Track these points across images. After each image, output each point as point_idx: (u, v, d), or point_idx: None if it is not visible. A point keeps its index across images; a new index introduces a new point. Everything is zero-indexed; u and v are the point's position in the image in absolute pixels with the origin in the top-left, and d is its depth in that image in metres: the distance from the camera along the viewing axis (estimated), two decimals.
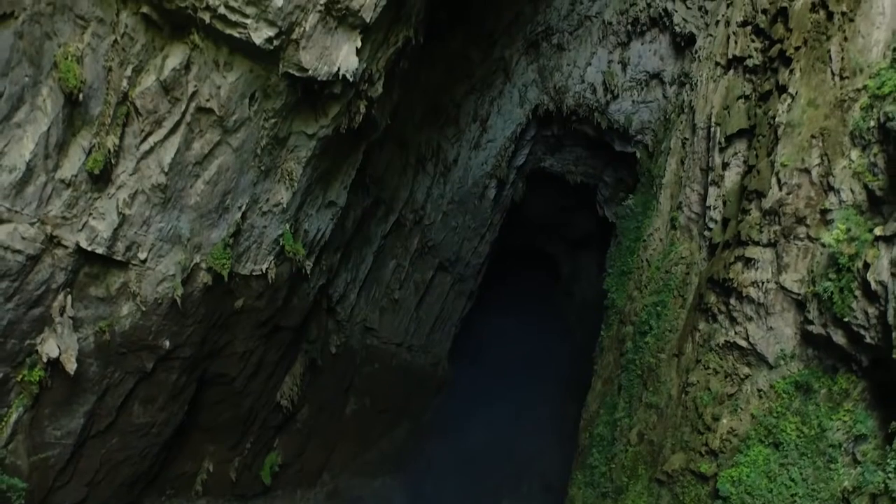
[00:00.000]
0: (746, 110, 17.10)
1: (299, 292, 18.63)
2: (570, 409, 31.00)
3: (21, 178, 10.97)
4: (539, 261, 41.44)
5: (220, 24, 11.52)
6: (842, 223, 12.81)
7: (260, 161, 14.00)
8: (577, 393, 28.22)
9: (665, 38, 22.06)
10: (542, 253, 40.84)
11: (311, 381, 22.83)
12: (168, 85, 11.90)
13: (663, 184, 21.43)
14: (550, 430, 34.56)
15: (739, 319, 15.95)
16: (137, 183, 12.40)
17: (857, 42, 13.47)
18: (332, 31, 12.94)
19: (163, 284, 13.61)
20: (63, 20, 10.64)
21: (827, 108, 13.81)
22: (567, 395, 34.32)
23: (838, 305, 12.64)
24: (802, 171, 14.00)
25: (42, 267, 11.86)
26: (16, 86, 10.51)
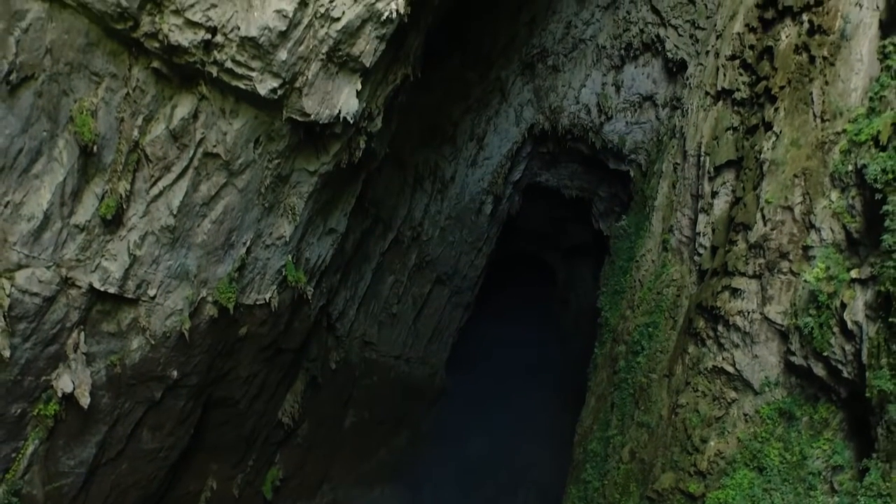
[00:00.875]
0: (734, 142, 17.77)
1: (300, 315, 19.29)
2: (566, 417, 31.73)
3: (39, 226, 11.62)
4: (535, 268, 42.13)
5: (226, 76, 12.15)
6: (822, 262, 13.48)
7: (264, 199, 14.65)
8: (574, 400, 28.94)
9: (658, 63, 22.70)
10: (538, 260, 41.53)
11: (311, 396, 23.53)
12: (177, 133, 12.53)
13: (655, 206, 22.11)
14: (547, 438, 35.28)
15: (726, 346, 16.66)
16: (147, 225, 13.04)
17: (837, 86, 14.13)
18: (334, 76, 13.58)
19: (171, 318, 14.27)
20: (79, 77, 11.26)
21: (809, 148, 14.48)
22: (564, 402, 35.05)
23: (818, 340, 13.34)
24: (786, 209, 14.68)
25: (57, 307, 12.51)
26: (34, 140, 11.14)
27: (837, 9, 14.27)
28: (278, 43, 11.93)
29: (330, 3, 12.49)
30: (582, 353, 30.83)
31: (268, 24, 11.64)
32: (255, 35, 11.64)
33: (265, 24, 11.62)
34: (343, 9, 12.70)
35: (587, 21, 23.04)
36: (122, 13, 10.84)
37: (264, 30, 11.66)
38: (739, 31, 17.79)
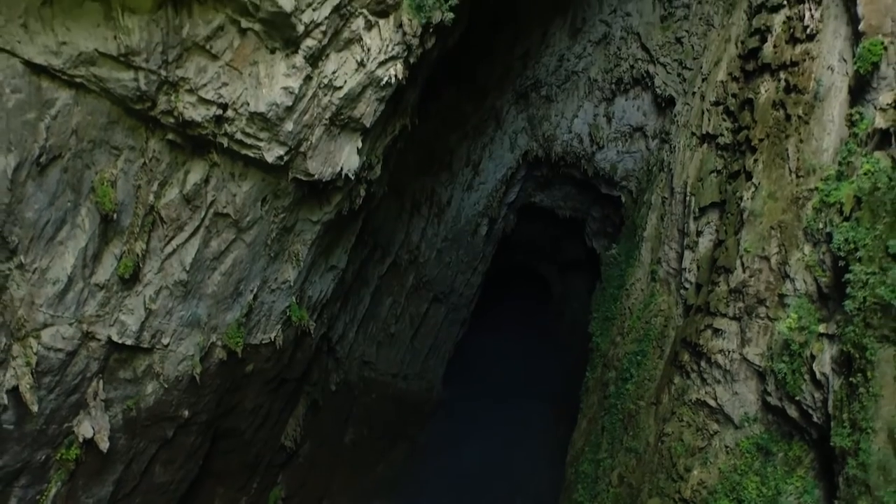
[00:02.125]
0: (718, 184, 18.79)
1: (303, 346, 20.31)
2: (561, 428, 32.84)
3: (63, 288, 12.62)
4: (531, 282, 43.16)
5: (236, 146, 13.13)
6: (795, 312, 14.53)
7: (270, 249, 15.65)
8: (568, 410, 30.01)
9: (647, 96, 23.68)
10: (534, 274, 42.55)
11: (311, 418, 24.59)
12: (189, 196, 13.52)
13: (645, 237, 23.15)
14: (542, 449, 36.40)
15: (709, 381, 17.75)
16: (162, 280, 14.04)
17: (811, 144, 15.14)
18: (336, 137, 14.57)
19: (183, 363, 15.29)
20: (100, 152, 12.24)
21: (784, 202, 15.51)
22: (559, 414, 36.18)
23: (791, 385, 14.41)
24: (763, 259, 15.73)
25: (78, 359, 13.52)
26: (60, 211, 12.13)
27: (811, 70, 15.27)
28: (285, 116, 12.91)
29: (333, 74, 13.47)
30: (576, 364, 31.82)
31: (275, 100, 12.61)
32: (264, 111, 12.61)
33: (273, 100, 12.60)
34: (345, 78, 13.68)
35: (579, 55, 23.99)
36: (142, 95, 11.80)
37: (272, 105, 12.64)
38: (723, 80, 18.79)
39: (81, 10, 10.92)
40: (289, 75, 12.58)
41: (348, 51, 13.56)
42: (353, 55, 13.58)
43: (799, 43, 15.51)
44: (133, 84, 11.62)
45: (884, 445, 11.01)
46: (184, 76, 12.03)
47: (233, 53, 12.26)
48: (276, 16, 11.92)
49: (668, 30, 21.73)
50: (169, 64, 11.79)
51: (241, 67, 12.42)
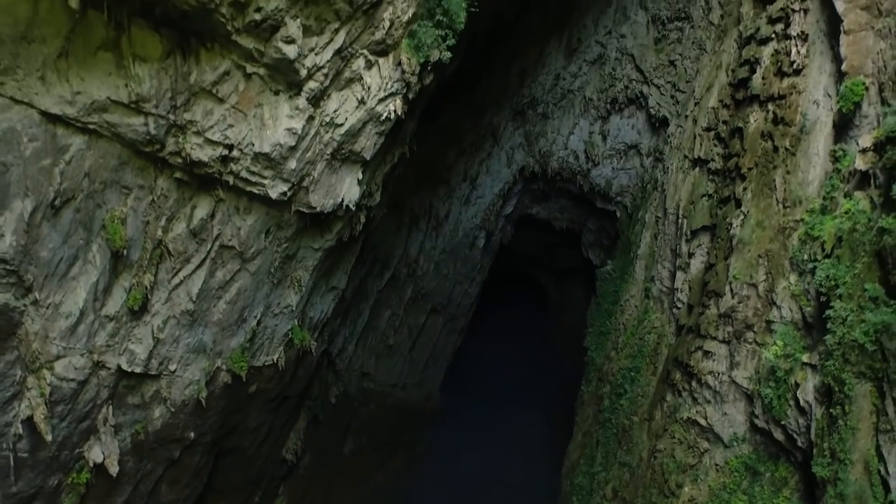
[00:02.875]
0: (709, 208, 19.39)
1: (304, 364, 20.92)
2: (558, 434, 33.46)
3: (75, 321, 13.19)
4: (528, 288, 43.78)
5: (241, 183, 13.71)
6: (781, 339, 15.15)
7: (273, 277, 16.24)
8: (566, 417, 30.63)
9: (642, 115, 24.27)
10: (531, 280, 43.18)
11: (312, 431, 25.21)
12: (196, 230, 14.10)
13: (639, 254, 23.76)
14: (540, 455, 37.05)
15: (700, 400, 18.39)
16: (169, 310, 14.63)
17: (797, 175, 15.75)
18: (337, 170, 15.16)
19: (189, 388, 15.89)
20: (111, 191, 12.81)
21: (772, 231, 16.13)
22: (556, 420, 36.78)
23: (776, 410, 15.05)
24: (751, 286, 16.35)
25: (89, 387, 14.11)
26: (72, 249, 12.69)
27: (798, 104, 15.87)
28: (288, 155, 13.49)
29: (334, 112, 14.05)
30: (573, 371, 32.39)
31: (279, 141, 13.19)
32: (268, 151, 13.19)
33: (277, 141, 13.17)
34: (346, 115, 14.26)
35: (575, 74, 24.55)
36: (151, 139, 12.38)
37: (276, 146, 13.22)
38: (714, 106, 19.38)
39: (95, 60, 11.47)
40: (292, 117, 13.15)
41: (349, 89, 14.14)
42: (353, 93, 14.16)
43: (786, 76, 16.09)
44: (143, 129, 12.19)
45: (860, 477, 11.65)
46: (191, 119, 12.60)
47: (238, 96, 12.83)
48: (280, 62, 12.49)
49: (661, 52, 22.30)
50: (177, 108, 12.36)
51: (246, 109, 12.99)
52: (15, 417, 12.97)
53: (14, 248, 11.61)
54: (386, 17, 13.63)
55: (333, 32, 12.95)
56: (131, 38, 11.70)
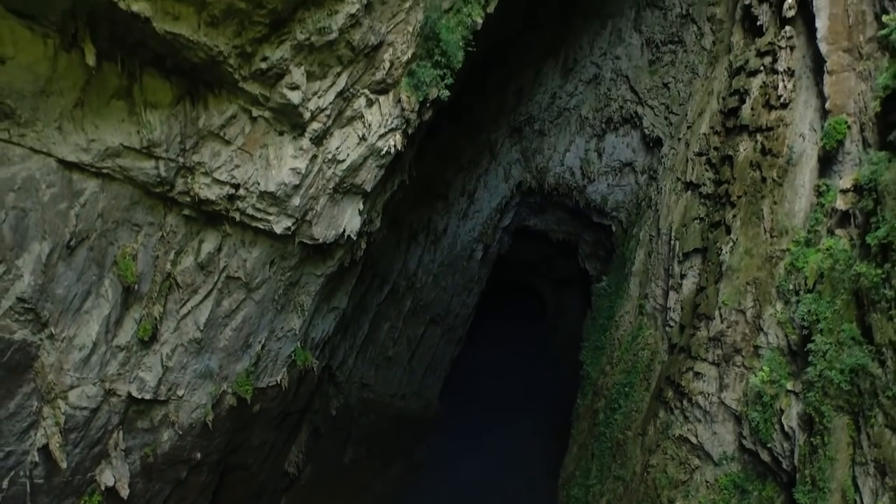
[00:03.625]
0: (700, 231, 20.06)
1: (306, 381, 21.59)
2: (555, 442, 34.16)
3: (89, 353, 13.84)
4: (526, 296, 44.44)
5: (247, 219, 14.35)
6: (767, 365, 15.82)
7: (276, 303, 16.89)
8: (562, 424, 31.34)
9: (636, 134, 24.91)
10: (529, 288, 43.85)
11: (313, 444, 25.90)
12: (203, 263, 14.75)
13: (633, 271, 24.43)
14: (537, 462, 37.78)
15: (691, 419, 19.09)
16: (178, 339, 15.28)
17: (784, 206, 16.41)
18: (339, 202, 15.81)
19: (196, 412, 16.55)
20: (123, 229, 13.44)
21: (759, 259, 16.80)
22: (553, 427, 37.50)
23: (763, 433, 15.74)
24: (739, 311, 17.03)
25: (101, 414, 14.77)
26: (86, 285, 13.34)
27: (785, 136, 16.53)
28: (292, 193, 14.13)
29: (336, 150, 14.69)
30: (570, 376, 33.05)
31: (284, 180, 13.83)
32: (274, 190, 13.83)
33: (282, 180, 13.82)
34: (348, 151, 14.91)
35: (571, 93, 25.18)
36: (162, 181, 13.01)
37: (281, 185, 13.86)
38: (706, 132, 20.02)
39: (108, 109, 12.09)
40: (296, 157, 13.80)
41: (351, 126, 14.79)
42: (355, 130, 14.81)
43: (774, 109, 16.74)
44: (154, 171, 12.82)
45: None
46: (199, 161, 13.23)
47: (244, 138, 13.47)
48: (284, 106, 13.13)
49: (655, 74, 22.92)
50: (186, 151, 12.99)
51: (252, 150, 13.62)
52: (31, 446, 13.63)
53: (32, 287, 12.25)
54: (386, 58, 14.27)
55: (336, 76, 13.58)
56: (143, 86, 12.32)
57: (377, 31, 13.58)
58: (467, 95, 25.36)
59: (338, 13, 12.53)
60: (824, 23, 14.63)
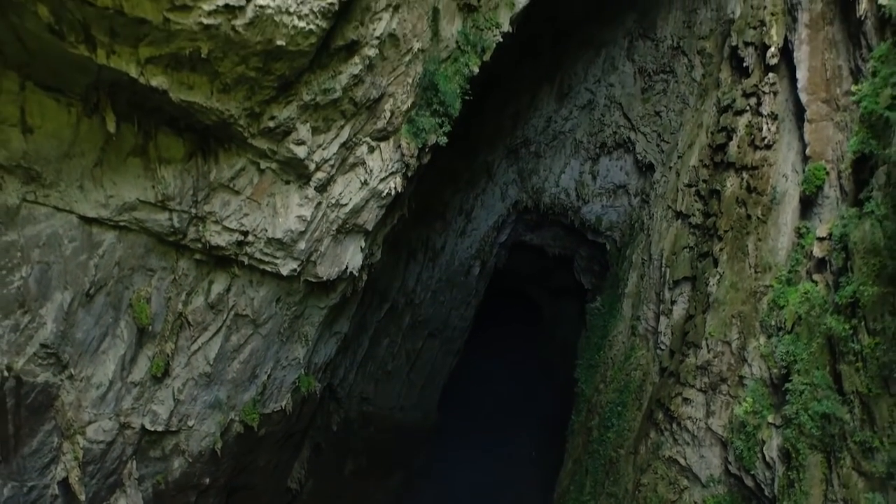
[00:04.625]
0: (690, 260, 20.96)
1: (308, 403, 22.50)
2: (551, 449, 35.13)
3: (105, 390, 14.73)
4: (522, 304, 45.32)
5: (255, 262, 15.22)
6: (750, 396, 16.75)
7: (282, 336, 17.78)
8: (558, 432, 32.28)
9: (630, 158, 25.78)
10: (525, 297, 44.74)
11: (315, 459, 26.83)
12: (213, 303, 15.62)
13: (626, 293, 25.34)
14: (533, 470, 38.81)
15: (680, 441, 20.03)
16: (188, 373, 16.17)
17: (768, 243, 17.31)
18: (341, 241, 16.67)
19: (206, 440, 17.46)
20: (138, 274, 14.31)
21: (744, 293, 17.70)
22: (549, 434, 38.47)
23: (746, 460, 16.67)
24: (725, 343, 17.95)
25: (116, 446, 15.67)
26: (103, 328, 14.21)
27: (769, 176, 17.42)
28: (298, 238, 15.00)
29: (339, 195, 15.55)
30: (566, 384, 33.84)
31: (290, 227, 14.70)
32: (281, 237, 14.70)
33: (288, 227, 14.68)
34: (350, 196, 15.76)
35: (566, 117, 26.03)
36: (175, 231, 13.87)
37: (287, 232, 14.72)
38: (695, 165, 20.89)
39: (125, 166, 12.94)
40: (302, 205, 14.65)
41: (353, 172, 15.64)
42: (357, 176, 15.66)
43: (758, 149, 17.62)
44: (168, 222, 13.68)
45: None
46: (210, 210, 14.09)
47: (252, 188, 14.32)
48: (291, 160, 13.98)
49: (647, 102, 23.78)
50: (198, 202, 13.85)
51: (260, 199, 14.48)
52: (52, 480, 14.52)
53: (54, 333, 13.13)
54: (387, 108, 15.11)
55: (339, 128, 14.43)
56: (157, 144, 13.17)
57: (378, 85, 14.41)
58: (464, 119, 26.17)
59: (341, 74, 13.36)
60: (804, 74, 15.49)
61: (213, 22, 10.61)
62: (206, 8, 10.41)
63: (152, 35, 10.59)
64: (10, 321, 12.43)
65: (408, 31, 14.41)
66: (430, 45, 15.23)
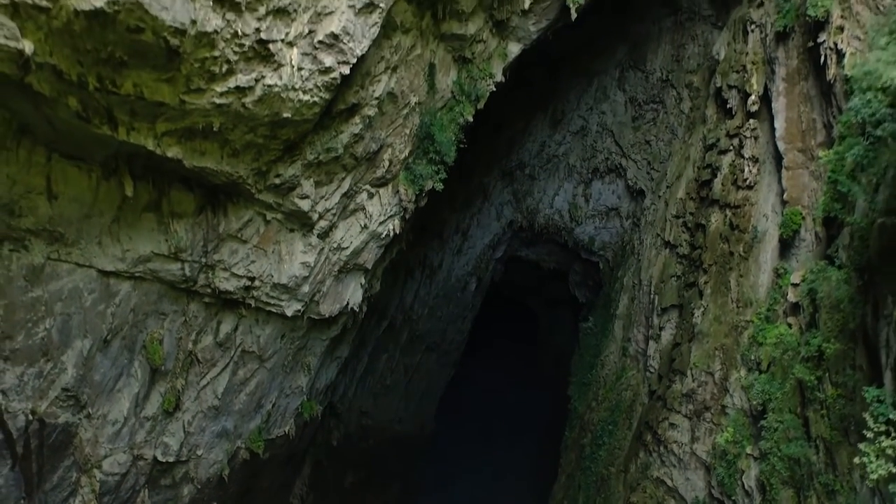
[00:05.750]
0: (677, 289, 22.00)
1: (310, 424, 23.56)
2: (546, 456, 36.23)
3: (120, 426, 15.76)
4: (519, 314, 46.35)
5: (261, 304, 16.23)
6: (731, 426, 17.82)
7: (286, 367, 18.81)
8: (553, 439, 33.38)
9: (621, 183, 26.79)
10: (522, 306, 45.77)
11: (316, 475, 27.92)
12: (221, 342, 16.64)
13: (617, 314, 26.39)
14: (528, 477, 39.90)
15: (667, 463, 21.13)
16: (198, 407, 17.20)
17: (749, 279, 18.35)
18: (342, 280, 17.69)
19: (213, 467, 18.51)
20: (151, 318, 15.32)
21: (727, 327, 18.76)
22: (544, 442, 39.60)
23: (727, 486, 17.76)
24: (708, 373, 19.02)
25: (129, 477, 16.70)
26: (118, 368, 15.23)
27: (751, 215, 18.45)
28: (302, 283, 16.01)
29: (341, 239, 16.56)
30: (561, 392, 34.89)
31: (295, 273, 15.71)
32: (286, 282, 15.71)
33: (293, 273, 15.70)
34: (351, 240, 16.78)
35: (559, 142, 27.01)
36: (186, 279, 14.88)
37: (292, 277, 15.74)
38: (682, 197, 21.90)
39: (140, 221, 13.92)
40: (305, 252, 15.67)
41: (354, 217, 16.65)
42: (357, 221, 16.68)
43: (741, 189, 18.64)
44: (180, 272, 14.69)
45: None
46: (219, 259, 15.09)
47: (259, 237, 15.33)
48: (295, 212, 14.99)
49: (638, 130, 24.77)
50: (208, 252, 14.85)
51: (266, 247, 15.49)
52: None
53: (74, 377, 14.15)
54: (386, 157, 16.11)
55: (341, 180, 15.43)
56: (170, 199, 14.15)
57: (378, 138, 15.41)
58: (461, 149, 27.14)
59: (343, 133, 14.36)
60: (782, 124, 16.50)
61: (224, 101, 11.59)
62: (218, 90, 11.38)
63: (168, 113, 11.57)
64: (34, 369, 13.44)
65: (405, 87, 15.39)
66: (427, 97, 16.21)
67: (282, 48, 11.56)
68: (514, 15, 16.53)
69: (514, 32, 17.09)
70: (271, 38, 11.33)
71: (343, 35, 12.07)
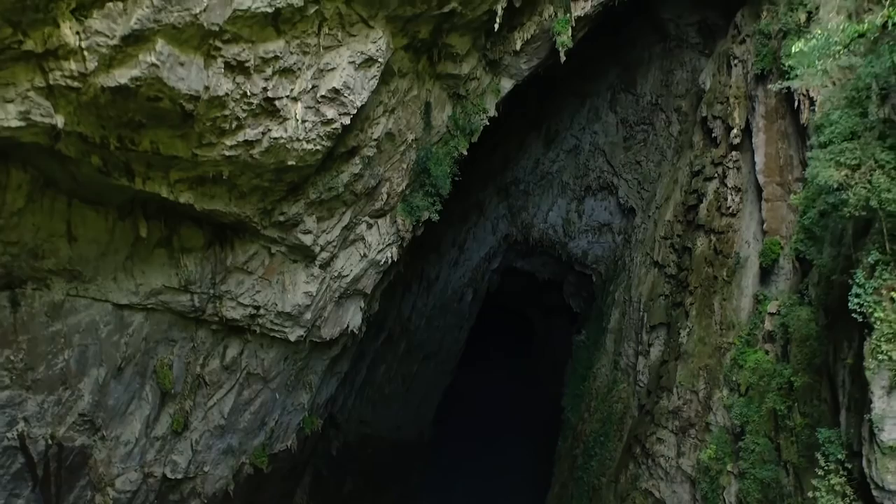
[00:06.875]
0: (665, 308, 23.01)
1: (311, 437, 24.59)
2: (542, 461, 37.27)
3: (132, 447, 16.79)
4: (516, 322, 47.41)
5: (266, 330, 17.24)
6: (714, 443, 18.85)
7: (289, 387, 19.84)
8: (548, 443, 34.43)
9: (613, 200, 27.78)
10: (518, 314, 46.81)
11: (316, 484, 28.97)
12: (227, 365, 17.66)
13: (609, 328, 27.42)
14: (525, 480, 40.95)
15: (654, 476, 22.17)
16: (205, 426, 18.23)
17: (732, 302, 19.36)
18: (343, 304, 18.70)
19: (219, 482, 19.55)
20: (161, 345, 16.34)
21: (711, 348, 19.78)
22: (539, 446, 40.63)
23: (710, 501, 18.78)
24: (693, 392, 20.05)
25: (140, 494, 17.74)
26: (130, 393, 16.25)
27: (734, 241, 19.44)
28: (305, 311, 17.02)
29: (341, 268, 17.57)
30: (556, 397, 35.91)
31: (298, 302, 16.72)
32: (289, 310, 16.72)
33: (296, 302, 16.70)
34: (351, 268, 17.78)
35: (553, 160, 28.00)
36: (195, 309, 15.89)
37: (295, 306, 16.75)
38: (670, 220, 22.90)
39: (152, 256, 14.93)
40: (308, 282, 16.67)
41: (353, 247, 17.65)
42: (357, 250, 17.68)
43: (724, 215, 19.63)
44: (189, 303, 15.69)
45: None
46: (226, 290, 16.09)
47: (264, 269, 16.33)
48: (298, 245, 15.98)
49: (629, 150, 25.76)
50: (216, 284, 15.85)
51: (270, 277, 16.49)
52: None
53: (90, 403, 15.16)
54: (384, 191, 17.10)
55: (341, 214, 16.42)
56: (180, 235, 15.15)
57: (376, 174, 16.40)
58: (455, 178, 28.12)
59: (343, 173, 15.34)
60: (761, 158, 17.49)
61: (233, 153, 12.57)
62: (228, 143, 12.37)
63: (181, 165, 12.56)
64: (53, 396, 14.45)
65: (403, 126, 16.38)
66: (423, 133, 17.20)
67: (287, 103, 12.53)
68: (507, 54, 17.49)
69: (506, 70, 18.06)
70: (277, 96, 12.30)
71: (344, 89, 13.05)
